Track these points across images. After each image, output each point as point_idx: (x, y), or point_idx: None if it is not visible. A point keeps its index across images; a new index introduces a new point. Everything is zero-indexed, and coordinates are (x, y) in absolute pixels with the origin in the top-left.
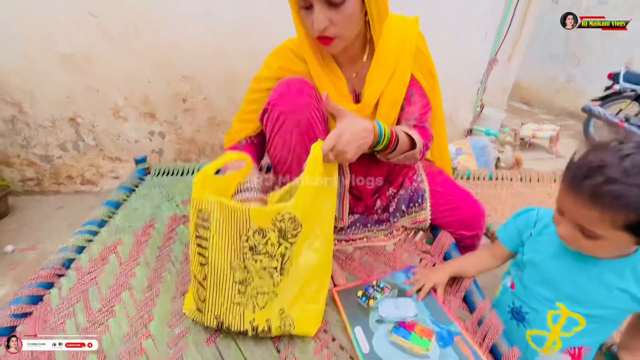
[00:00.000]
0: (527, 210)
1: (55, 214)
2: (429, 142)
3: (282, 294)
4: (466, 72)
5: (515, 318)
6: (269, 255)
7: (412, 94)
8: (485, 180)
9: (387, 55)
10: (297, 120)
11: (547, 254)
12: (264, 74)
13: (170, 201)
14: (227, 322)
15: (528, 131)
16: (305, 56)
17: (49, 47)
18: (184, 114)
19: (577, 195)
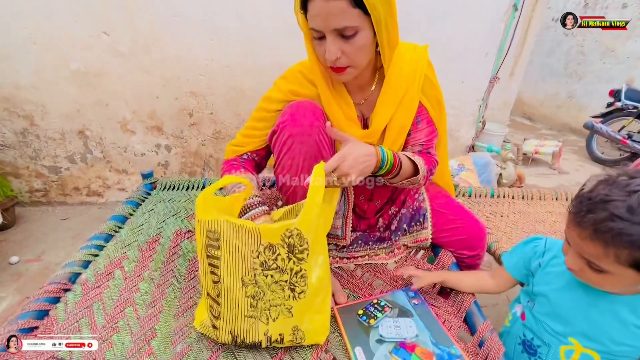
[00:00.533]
0: (534, 239)
1: (61, 225)
2: (434, 168)
3: (298, 314)
4: (468, 90)
5: (527, 351)
6: (279, 270)
7: (419, 121)
8: (487, 197)
9: (397, 82)
10: (306, 144)
11: (558, 286)
12: (273, 95)
13: (175, 216)
14: (242, 335)
15: (530, 147)
16: (316, 81)
17: (62, 64)
18: (189, 128)
19: (581, 229)
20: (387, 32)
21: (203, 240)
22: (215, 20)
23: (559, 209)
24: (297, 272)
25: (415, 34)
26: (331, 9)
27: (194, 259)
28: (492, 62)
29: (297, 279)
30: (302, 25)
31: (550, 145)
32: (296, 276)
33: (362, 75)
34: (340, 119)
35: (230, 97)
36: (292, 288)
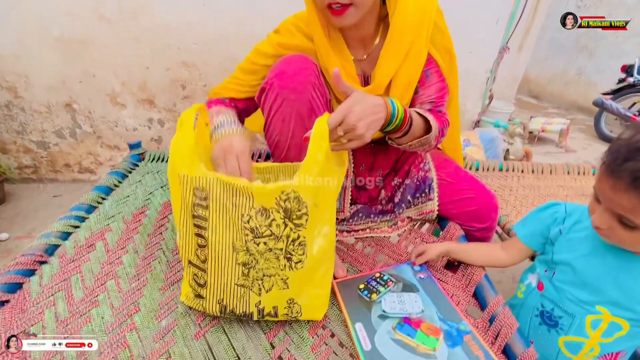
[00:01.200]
0: (551, 204)
1: (52, 202)
2: (445, 128)
3: (294, 286)
4: (476, 60)
5: (546, 323)
6: (274, 237)
7: (428, 75)
8: (495, 171)
9: (402, 31)
10: (297, 102)
11: (583, 252)
12: (263, 48)
13: (163, 187)
14: (231, 305)
15: (537, 125)
16: (313, 32)
17: (44, 31)
18: (182, 101)
19: (616, 179)
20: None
21: (189, 198)
22: None
23: (571, 183)
24: (295, 239)
25: None
26: None
27: None
28: (503, 31)
29: (295, 247)
30: None
31: (558, 123)
32: (293, 244)
33: (364, 24)
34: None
35: (224, 67)
36: (288, 257)
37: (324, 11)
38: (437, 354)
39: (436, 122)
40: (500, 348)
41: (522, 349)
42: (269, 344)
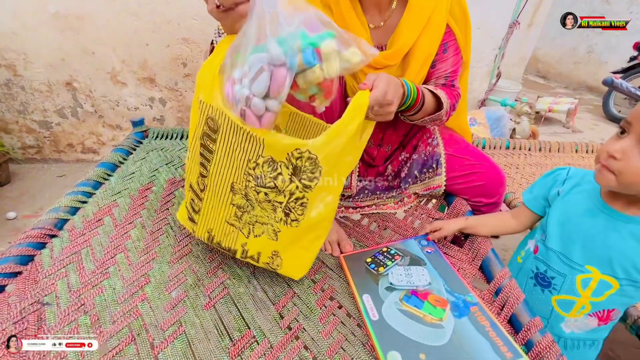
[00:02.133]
0: (556, 169)
1: (57, 182)
2: (457, 103)
3: (282, 241)
4: (485, 36)
5: (540, 284)
6: (277, 190)
7: (446, 49)
8: (502, 149)
9: (423, 1)
10: None
11: (578, 212)
12: None
13: (168, 164)
14: (218, 237)
15: (544, 104)
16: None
17: (40, 6)
18: (184, 79)
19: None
20: None
21: (201, 124)
22: None
23: (579, 161)
24: (299, 198)
25: None
26: None
27: None
28: (513, 5)
29: (296, 205)
30: None
31: (566, 102)
32: (295, 202)
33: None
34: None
35: None
36: (286, 212)
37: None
38: (444, 324)
39: (447, 98)
40: (506, 318)
41: (528, 319)
42: (277, 314)
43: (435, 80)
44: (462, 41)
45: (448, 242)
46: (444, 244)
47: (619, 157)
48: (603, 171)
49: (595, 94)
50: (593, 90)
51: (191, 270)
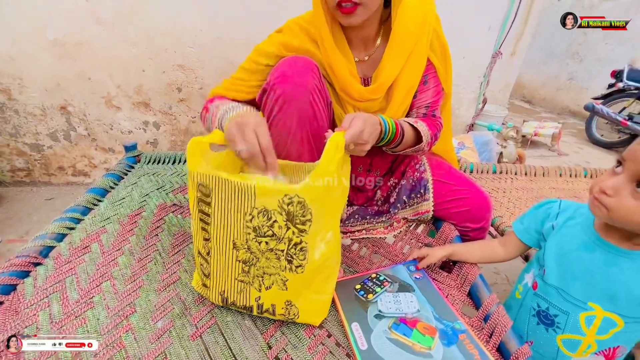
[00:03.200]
0: (547, 202)
1: (45, 205)
2: (438, 132)
3: (292, 289)
4: (469, 65)
5: (543, 322)
6: (276, 237)
7: (426, 80)
8: (489, 173)
9: (405, 36)
10: (299, 104)
11: (574, 246)
12: (264, 48)
13: (160, 189)
14: (232, 297)
15: (530, 128)
16: (319, 31)
17: (39, 33)
18: (178, 104)
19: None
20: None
21: (195, 193)
22: None
23: (563, 185)
24: (297, 243)
25: None
26: None
27: (178, 233)
28: (495, 37)
29: (296, 251)
30: None
31: (550, 127)
32: (295, 248)
33: (367, 25)
34: (344, 73)
35: (220, 70)
36: (289, 260)
37: (334, 10)
38: (433, 353)
39: (428, 129)
40: (494, 346)
41: (516, 347)
42: (265, 344)
43: (417, 110)
44: (442, 74)
45: (437, 267)
46: (433, 269)
47: (611, 194)
48: (595, 203)
49: (578, 118)
50: (576, 115)
51: (178, 299)
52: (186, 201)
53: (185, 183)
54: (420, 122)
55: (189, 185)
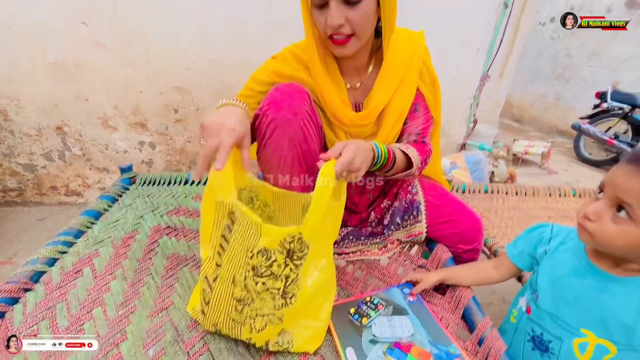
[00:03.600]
0: (539, 226)
1: (36, 226)
2: (428, 158)
3: (287, 320)
4: (459, 86)
5: (537, 348)
6: (273, 276)
7: (416, 108)
8: (481, 193)
9: (395, 65)
10: (290, 129)
11: (566, 272)
12: (258, 75)
13: (154, 211)
14: (224, 330)
15: (520, 147)
16: (310, 59)
17: (39, 55)
18: (175, 125)
19: (634, 165)
20: (389, 5)
21: (222, 220)
22: (202, 13)
23: (553, 204)
24: (294, 279)
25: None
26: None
27: (172, 256)
28: (483, 60)
29: (291, 286)
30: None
31: (540, 145)
32: (292, 283)
33: (359, 54)
34: (334, 100)
35: (217, 92)
36: (284, 296)
37: (326, 41)
38: None
39: (418, 155)
40: None
41: None
42: None
43: (408, 137)
44: (432, 103)
45: (431, 289)
46: (427, 291)
47: (593, 219)
48: (580, 229)
49: (566, 137)
50: (564, 134)
51: (171, 324)
52: (180, 223)
53: (180, 205)
54: (411, 148)
55: (206, 211)
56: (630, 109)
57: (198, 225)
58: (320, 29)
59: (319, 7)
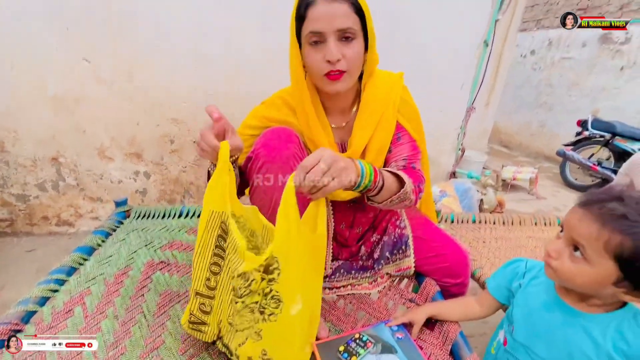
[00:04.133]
0: (515, 260)
1: (25, 257)
2: (421, 184)
3: (267, 337)
4: (446, 119)
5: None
6: (252, 293)
7: (400, 137)
8: (469, 223)
9: (373, 104)
10: (281, 171)
11: (537, 306)
12: (248, 121)
13: (148, 246)
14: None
15: (509, 173)
16: (298, 102)
17: (40, 90)
18: (170, 155)
19: (586, 209)
20: (372, 47)
21: (215, 228)
22: (200, 49)
23: (539, 234)
24: (267, 292)
25: (394, 65)
26: (336, 11)
27: (164, 292)
28: (468, 93)
29: (267, 301)
30: (293, 33)
31: (527, 171)
32: (266, 297)
33: (346, 95)
34: (321, 140)
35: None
36: (261, 311)
37: (320, 79)
38: None
39: (410, 178)
40: None
41: None
42: None
43: (395, 163)
44: (414, 135)
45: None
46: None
47: (555, 257)
48: (546, 265)
49: (553, 162)
50: (550, 159)
51: None
52: (174, 257)
53: (174, 238)
54: (400, 171)
55: (201, 225)
56: (611, 137)
57: (191, 260)
58: (314, 66)
59: (314, 44)
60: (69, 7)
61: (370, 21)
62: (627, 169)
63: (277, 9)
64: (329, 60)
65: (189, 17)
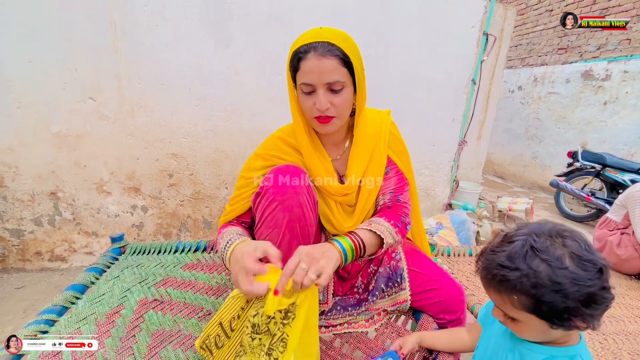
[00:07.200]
0: None
1: (13, 294)
2: (405, 217)
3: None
4: (439, 152)
5: None
6: (269, 333)
7: (388, 171)
8: (466, 256)
9: (364, 139)
10: (289, 206)
11: (495, 330)
12: (252, 163)
13: (142, 283)
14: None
15: (504, 204)
16: (298, 139)
17: (44, 127)
18: (168, 189)
19: (484, 278)
20: (361, 91)
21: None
22: (201, 88)
23: None
24: (279, 336)
25: (388, 103)
26: (325, 66)
27: (156, 332)
28: (459, 128)
29: (276, 342)
30: (290, 81)
31: (523, 202)
32: (275, 339)
33: (338, 131)
34: (321, 171)
35: (212, 158)
36: (269, 353)
37: (311, 121)
38: None
39: (388, 222)
40: None
41: None
42: None
43: (382, 196)
44: (402, 167)
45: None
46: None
47: (500, 320)
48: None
49: (547, 192)
50: (545, 190)
51: None
52: (168, 295)
53: (169, 275)
54: (380, 221)
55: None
56: (602, 168)
57: (185, 297)
58: (307, 110)
59: (307, 94)
60: (78, 48)
61: (359, 71)
62: (624, 201)
63: (272, 56)
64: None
65: (191, 59)
